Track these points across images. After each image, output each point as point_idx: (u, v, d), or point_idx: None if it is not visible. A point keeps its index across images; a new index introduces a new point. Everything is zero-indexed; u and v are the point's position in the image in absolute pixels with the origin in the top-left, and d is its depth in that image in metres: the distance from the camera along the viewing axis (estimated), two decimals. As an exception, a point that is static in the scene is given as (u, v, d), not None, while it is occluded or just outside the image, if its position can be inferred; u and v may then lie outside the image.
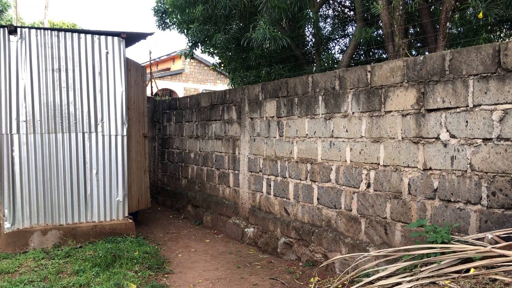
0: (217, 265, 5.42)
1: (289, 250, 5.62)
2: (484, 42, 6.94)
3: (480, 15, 5.26)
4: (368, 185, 4.53)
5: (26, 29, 5.81)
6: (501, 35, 7.41)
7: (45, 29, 5.97)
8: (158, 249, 5.98)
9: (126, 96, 6.38)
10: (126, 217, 6.40)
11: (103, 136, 6.22)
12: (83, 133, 6.10)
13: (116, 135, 6.30)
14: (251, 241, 6.34)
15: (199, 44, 9.96)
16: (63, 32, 6.02)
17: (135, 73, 6.80)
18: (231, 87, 10.58)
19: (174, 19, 10.08)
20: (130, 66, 6.64)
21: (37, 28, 5.91)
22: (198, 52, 10.56)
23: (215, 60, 11.63)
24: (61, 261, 5.18)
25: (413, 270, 3.26)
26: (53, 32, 5.95)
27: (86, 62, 6.12)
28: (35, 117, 5.83)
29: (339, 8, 9.30)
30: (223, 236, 6.91)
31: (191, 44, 9.97)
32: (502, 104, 3.34)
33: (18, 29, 5.76)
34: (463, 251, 3.09)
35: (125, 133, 6.34)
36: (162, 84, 24.19)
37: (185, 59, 10.85)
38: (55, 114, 5.94)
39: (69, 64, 6.02)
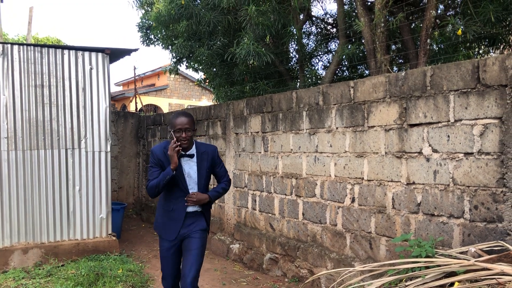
0: (202, 283, 5.36)
1: (275, 266, 5.59)
2: (464, 58, 7.09)
3: (459, 32, 5.39)
4: (353, 200, 4.55)
5: (9, 45, 5.76)
6: (480, 51, 7.58)
7: (28, 45, 5.92)
8: (142, 266, 5.89)
9: (110, 112, 6.35)
10: (109, 234, 6.31)
11: (86, 152, 6.15)
12: (66, 150, 6.03)
13: (99, 151, 6.24)
14: (236, 257, 6.30)
15: (184, 59, 9.97)
16: (46, 48, 5.99)
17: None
18: (215, 103, 10.59)
19: (159, 35, 10.10)
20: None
21: (19, 44, 5.86)
22: (182, 68, 10.58)
23: (200, 75, 11.65)
24: (42, 281, 5.07)
25: (398, 285, 3.27)
26: (36, 48, 5.91)
27: (70, 78, 6.09)
28: (17, 133, 5.75)
29: (322, 25, 9.42)
30: (208, 253, 6.85)
31: (175, 60, 9.99)
32: (482, 119, 3.41)
33: (0, 45, 5.71)
34: (447, 265, 3.11)
35: (108, 149, 6.29)
36: (147, 100, 24.12)
37: (170, 75, 10.85)
38: (37, 131, 5.87)
39: (52, 80, 5.97)
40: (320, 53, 9.26)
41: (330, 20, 9.26)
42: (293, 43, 8.60)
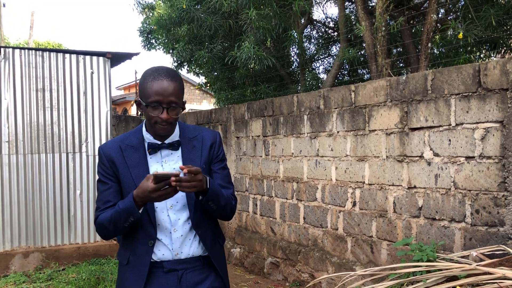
0: (203, 287, 5.34)
1: (276, 270, 5.58)
2: (465, 62, 7.10)
3: (460, 36, 5.39)
4: (354, 204, 4.54)
5: (10, 49, 5.78)
6: (481, 55, 7.59)
7: (29, 49, 5.95)
8: (143, 270, 5.88)
9: (111, 116, 6.36)
10: (110, 238, 6.31)
11: (87, 156, 6.16)
12: (67, 153, 6.04)
13: (100, 155, 6.24)
14: (237, 261, 6.28)
15: (185, 63, 10.00)
16: (47, 52, 6.01)
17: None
18: (216, 107, 10.60)
19: (160, 39, 10.13)
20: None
21: (21, 48, 5.88)
22: (183, 72, 10.61)
23: (201, 79, 11.67)
24: (43, 285, 5.06)
25: (399, 289, 3.26)
26: (37, 52, 5.93)
27: (71, 82, 6.10)
28: (18, 137, 5.75)
29: (323, 29, 9.44)
30: (209, 257, 6.83)
31: (176, 64, 10.01)
32: (483, 122, 3.40)
33: (2, 49, 5.73)
34: (449, 269, 3.10)
35: (109, 153, 6.29)
36: (147, 103, 24.13)
37: (171, 79, 10.84)
38: (38, 134, 5.87)
39: (54, 84, 5.98)
40: (321, 57, 9.28)
41: (331, 24, 9.29)
42: (294, 47, 8.61)
